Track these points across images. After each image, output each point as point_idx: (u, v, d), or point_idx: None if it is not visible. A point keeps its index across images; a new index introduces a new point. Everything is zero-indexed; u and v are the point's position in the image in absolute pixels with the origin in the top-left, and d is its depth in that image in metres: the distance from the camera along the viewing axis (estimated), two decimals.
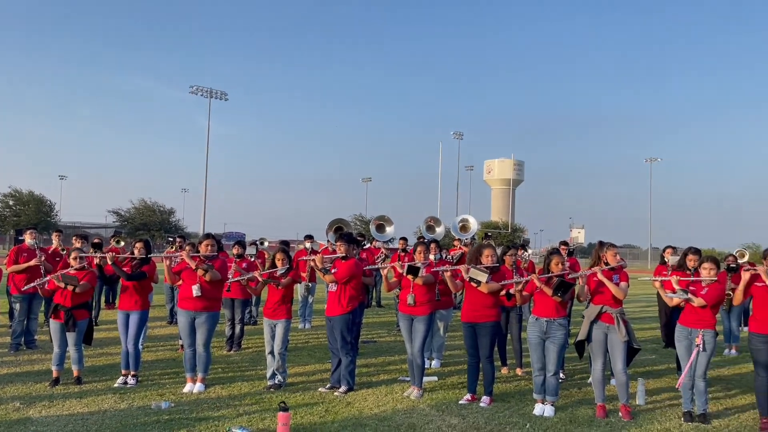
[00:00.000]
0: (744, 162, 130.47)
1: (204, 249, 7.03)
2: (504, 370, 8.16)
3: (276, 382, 7.04)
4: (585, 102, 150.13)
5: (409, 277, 6.72)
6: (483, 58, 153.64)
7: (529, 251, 13.51)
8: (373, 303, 15.86)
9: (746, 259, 14.15)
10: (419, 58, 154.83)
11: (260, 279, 7.20)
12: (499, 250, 7.79)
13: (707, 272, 6.08)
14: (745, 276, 5.96)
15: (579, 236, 77.97)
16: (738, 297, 6.07)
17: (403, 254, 11.65)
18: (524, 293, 6.68)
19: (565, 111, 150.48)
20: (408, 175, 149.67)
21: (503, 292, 6.90)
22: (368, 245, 15.91)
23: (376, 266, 7.16)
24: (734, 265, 8.09)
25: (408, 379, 7.12)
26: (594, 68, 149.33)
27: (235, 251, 9.66)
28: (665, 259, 9.32)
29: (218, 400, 6.45)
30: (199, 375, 6.90)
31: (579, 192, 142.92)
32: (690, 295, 6.04)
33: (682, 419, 6.04)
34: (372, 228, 17.80)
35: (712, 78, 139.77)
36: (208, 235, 7.29)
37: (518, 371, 8.09)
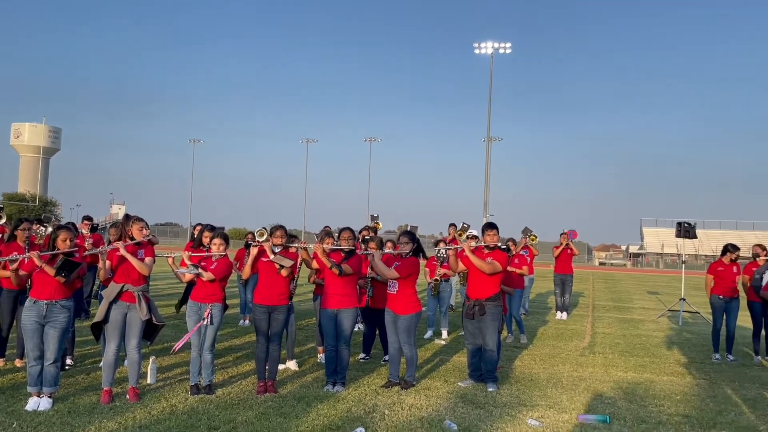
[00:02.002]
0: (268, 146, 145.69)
1: None
2: None
3: None
4: (135, 76, 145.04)
5: None
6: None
7: (48, 228, 12.17)
8: None
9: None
10: None
11: None
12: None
13: (216, 248, 6.29)
14: (253, 251, 6.38)
15: (120, 212, 74.99)
16: (246, 271, 6.46)
17: None
18: (21, 273, 5.80)
19: (111, 82, 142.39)
20: None
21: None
22: None
23: None
24: (250, 242, 8.74)
25: None
26: (150, 44, 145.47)
27: None
28: (195, 235, 9.50)
29: None
30: None
31: (122, 167, 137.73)
32: (200, 270, 6.15)
33: (189, 393, 6.12)
34: None
35: (253, 67, 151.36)
36: None
37: (17, 363, 7.04)
